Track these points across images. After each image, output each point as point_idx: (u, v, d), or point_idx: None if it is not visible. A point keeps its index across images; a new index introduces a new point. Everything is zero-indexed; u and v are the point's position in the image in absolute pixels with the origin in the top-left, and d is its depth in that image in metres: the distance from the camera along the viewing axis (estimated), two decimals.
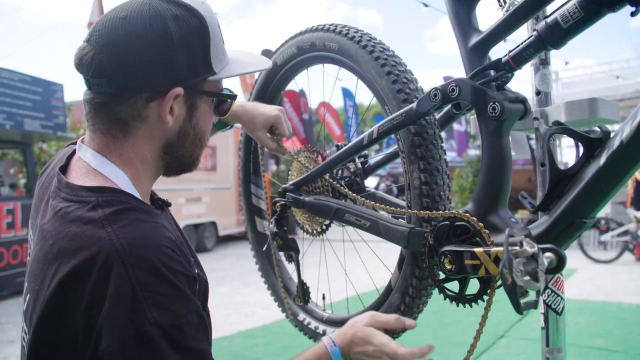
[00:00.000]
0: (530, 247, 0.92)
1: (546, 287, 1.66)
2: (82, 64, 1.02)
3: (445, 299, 1.29)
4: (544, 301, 1.70)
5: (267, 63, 1.24)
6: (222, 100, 1.16)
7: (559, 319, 1.74)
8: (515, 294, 0.88)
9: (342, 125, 21.80)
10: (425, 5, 8.89)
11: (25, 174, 9.36)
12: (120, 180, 1.04)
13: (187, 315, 0.93)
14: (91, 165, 1.05)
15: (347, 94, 19.44)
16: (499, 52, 1.26)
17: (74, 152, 1.12)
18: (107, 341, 0.88)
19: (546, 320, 1.74)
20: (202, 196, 13.00)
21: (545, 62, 1.75)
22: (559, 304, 1.72)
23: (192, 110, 1.09)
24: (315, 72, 1.90)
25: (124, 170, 1.06)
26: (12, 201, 8.07)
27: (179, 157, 1.12)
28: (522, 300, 0.92)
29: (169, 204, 1.23)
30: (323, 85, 1.80)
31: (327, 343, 1.19)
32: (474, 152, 20.25)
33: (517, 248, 0.92)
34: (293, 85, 1.99)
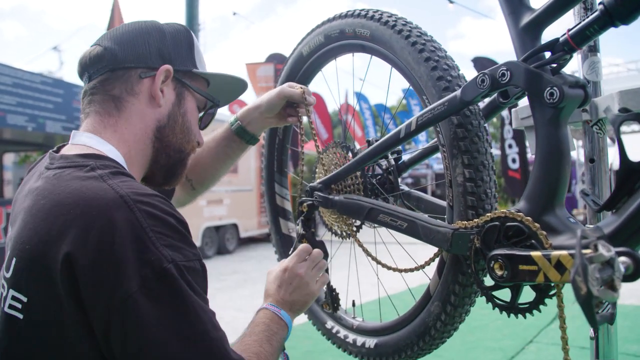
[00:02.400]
0: (607, 251, 0.78)
1: None
2: (85, 58, 1.16)
3: (494, 309, 1.16)
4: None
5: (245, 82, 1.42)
6: (207, 107, 1.30)
7: (610, 329, 1.60)
8: (591, 306, 0.74)
9: (363, 127, 21.64)
10: (451, 2, 8.72)
11: None
12: (118, 160, 1.08)
13: (195, 261, 0.95)
14: (88, 145, 1.09)
15: (362, 97, 19.32)
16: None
17: (58, 148, 1.16)
18: (125, 285, 0.86)
19: (596, 329, 1.60)
20: (223, 198, 12.94)
21: (594, 49, 1.60)
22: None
23: (180, 98, 1.20)
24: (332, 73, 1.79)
25: (118, 149, 1.10)
26: None
27: (168, 145, 1.18)
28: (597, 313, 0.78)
29: None
30: (353, 75, 1.68)
31: (273, 310, 1.26)
32: (495, 152, 19.97)
33: (590, 252, 0.79)
34: (319, 84, 1.87)
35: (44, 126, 8.09)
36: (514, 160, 13.67)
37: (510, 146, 13.70)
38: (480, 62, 13.15)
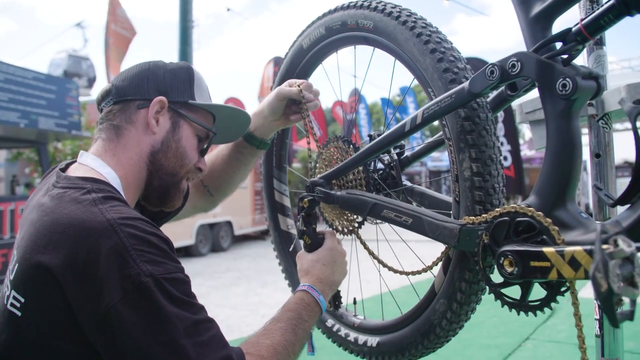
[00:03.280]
0: (627, 246, 0.75)
1: None
2: (99, 94, 1.33)
3: (503, 306, 1.13)
4: (599, 306, 1.54)
5: (249, 117, 1.52)
6: (205, 134, 1.37)
7: None
8: (611, 303, 0.72)
9: (358, 125, 21.63)
10: None
11: (40, 173, 9.31)
12: (114, 182, 1.21)
13: (177, 272, 1.06)
14: (91, 167, 1.23)
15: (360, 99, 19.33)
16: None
17: (67, 165, 1.30)
18: (108, 297, 0.97)
19: (601, 327, 1.58)
20: None
21: (600, 43, 1.58)
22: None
23: (175, 126, 1.31)
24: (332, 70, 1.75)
25: (115, 171, 1.24)
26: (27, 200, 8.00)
27: (160, 169, 1.30)
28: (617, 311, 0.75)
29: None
30: (354, 68, 1.64)
31: (313, 294, 1.36)
32: None
33: (610, 247, 0.76)
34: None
35: (37, 122, 7.98)
36: (505, 158, 13.70)
37: (502, 144, 13.73)
38: (471, 63, 13.08)
